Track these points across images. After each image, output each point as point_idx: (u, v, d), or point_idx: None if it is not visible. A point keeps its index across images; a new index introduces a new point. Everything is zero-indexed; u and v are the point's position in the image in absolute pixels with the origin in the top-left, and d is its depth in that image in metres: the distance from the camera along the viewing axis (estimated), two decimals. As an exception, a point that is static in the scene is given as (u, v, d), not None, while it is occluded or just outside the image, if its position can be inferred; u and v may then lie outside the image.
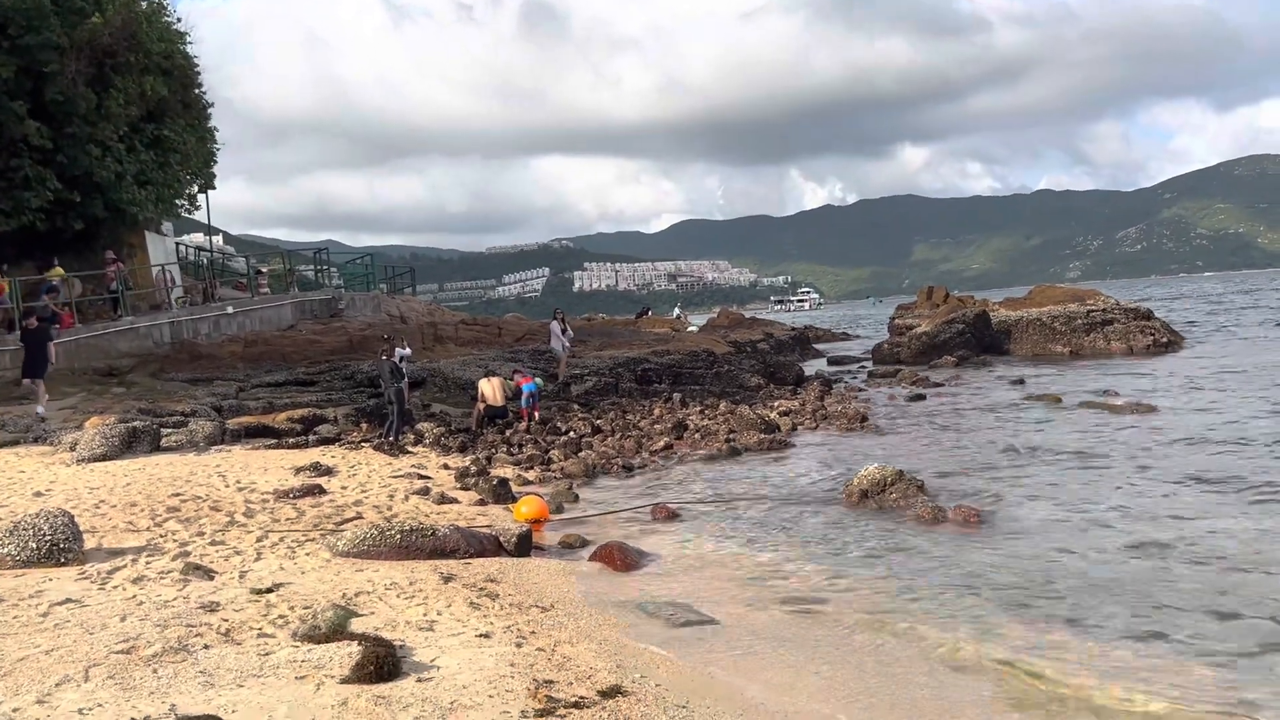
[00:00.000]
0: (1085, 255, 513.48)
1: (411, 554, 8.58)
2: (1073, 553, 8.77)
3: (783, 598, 7.92)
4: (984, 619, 7.18)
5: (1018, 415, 18.71)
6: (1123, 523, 9.82)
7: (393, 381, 17.17)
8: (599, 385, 24.03)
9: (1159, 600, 7.40)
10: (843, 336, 61.37)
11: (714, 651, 6.56)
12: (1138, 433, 15.51)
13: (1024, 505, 10.91)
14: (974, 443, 15.64)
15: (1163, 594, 7.54)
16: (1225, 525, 9.46)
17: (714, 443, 16.18)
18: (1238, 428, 15.33)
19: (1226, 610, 7.10)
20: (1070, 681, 5.95)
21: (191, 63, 29.99)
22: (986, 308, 37.01)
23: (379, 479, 12.74)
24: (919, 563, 8.79)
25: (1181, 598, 7.42)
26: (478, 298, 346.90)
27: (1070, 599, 7.54)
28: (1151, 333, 33.30)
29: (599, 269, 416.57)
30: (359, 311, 31.58)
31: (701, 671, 6.11)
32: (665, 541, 9.94)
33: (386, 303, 33.47)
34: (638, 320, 50.06)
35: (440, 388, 22.41)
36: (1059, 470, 12.86)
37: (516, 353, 27.63)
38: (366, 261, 40.02)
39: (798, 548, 9.54)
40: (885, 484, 11.51)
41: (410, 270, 45.70)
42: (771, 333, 45.15)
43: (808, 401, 21.64)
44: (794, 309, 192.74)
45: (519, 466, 14.33)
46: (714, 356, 30.93)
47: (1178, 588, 7.67)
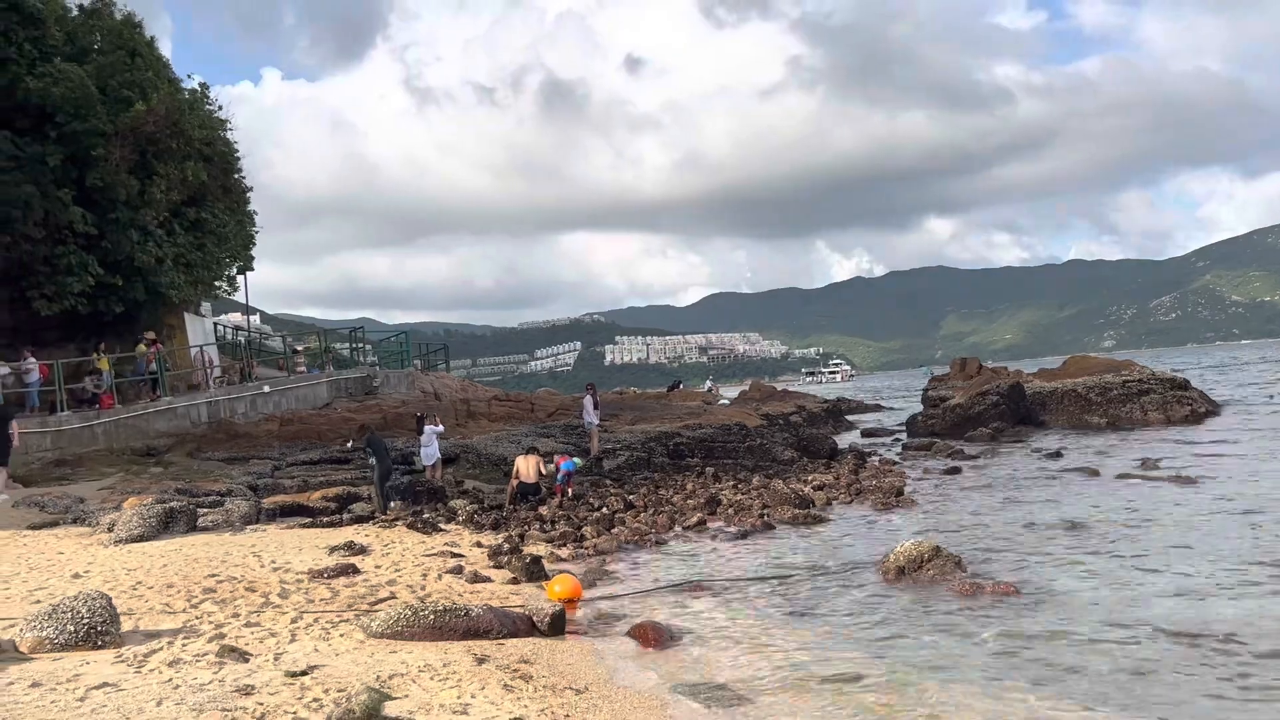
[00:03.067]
0: (1119, 325, 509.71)
1: (445, 634, 8.54)
2: (1109, 636, 8.57)
3: (819, 677, 7.80)
4: (1023, 701, 7.02)
5: (1055, 488, 18.46)
6: (1163, 602, 9.61)
7: (381, 458, 17.49)
8: (631, 460, 24.01)
9: (1188, 691, 7.21)
10: (874, 408, 61.07)
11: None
12: (1178, 505, 15.25)
13: (1062, 581, 10.72)
14: (1011, 517, 15.42)
15: (1193, 683, 7.35)
16: (1268, 602, 9.24)
17: (748, 518, 16.06)
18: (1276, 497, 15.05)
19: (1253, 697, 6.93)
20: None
21: (231, 148, 30.85)
22: (1021, 379, 36.73)
23: (412, 558, 12.74)
24: (957, 641, 8.63)
25: (1211, 687, 7.24)
26: (510, 372, 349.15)
27: (1105, 684, 7.36)
28: (1189, 402, 32.87)
29: (630, 342, 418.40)
30: (394, 389, 31.87)
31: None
32: (700, 619, 9.84)
33: (420, 379, 33.78)
34: (669, 393, 50.12)
35: (473, 464, 22.48)
36: (1099, 545, 12.65)
37: (549, 428, 27.71)
38: (401, 339, 40.48)
39: (834, 625, 9.41)
40: (922, 560, 11.37)
41: (444, 347, 46.18)
42: (804, 405, 45.04)
43: (842, 475, 21.50)
44: (825, 381, 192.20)
45: (552, 544, 14.28)
46: (746, 430, 30.85)
47: (1208, 679, 7.47)
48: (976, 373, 40.23)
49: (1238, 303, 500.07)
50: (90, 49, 26.54)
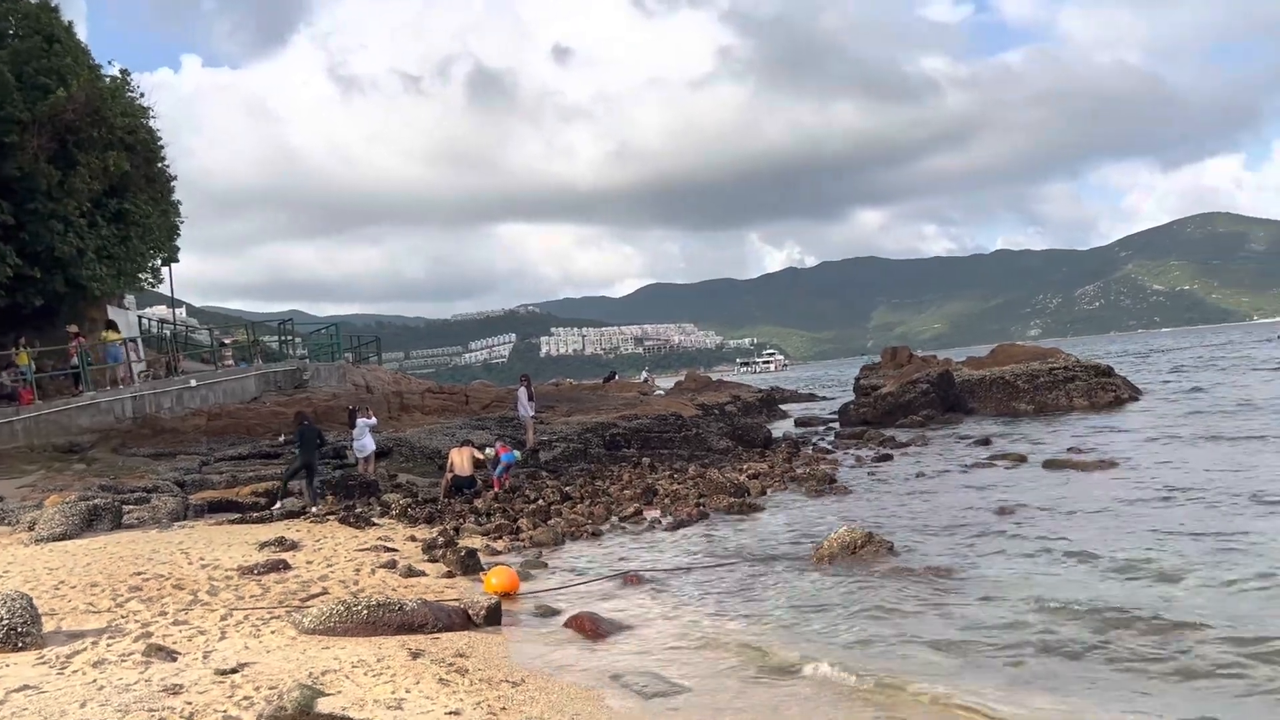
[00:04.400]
0: (1045, 314, 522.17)
1: (379, 630, 8.46)
2: (1039, 613, 8.79)
3: (754, 663, 7.87)
4: (954, 680, 7.16)
5: (983, 474, 18.84)
6: (1088, 581, 9.87)
7: (306, 450, 17.21)
8: (567, 451, 23.99)
9: (1117, 663, 7.42)
10: (808, 397, 61.69)
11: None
12: (1102, 489, 15.66)
13: (991, 565, 10.94)
14: (941, 502, 15.71)
15: (1121, 656, 7.57)
16: (1191, 581, 9.53)
17: (684, 507, 16.14)
18: (1198, 480, 15.52)
19: (1176, 670, 7.15)
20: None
21: (154, 137, 30.08)
22: (950, 367, 37.38)
23: (345, 553, 12.58)
24: (889, 624, 8.77)
25: (1136, 660, 7.45)
26: (444, 364, 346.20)
27: (1037, 661, 7.54)
28: (1113, 389, 33.74)
29: (566, 334, 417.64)
30: (324, 382, 31.42)
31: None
32: (636, 608, 9.87)
33: (352, 372, 33.34)
34: (605, 384, 50.10)
35: (407, 457, 22.27)
36: (1026, 529, 12.93)
37: (483, 420, 27.54)
38: (331, 331, 39.89)
39: (768, 612, 9.50)
40: (855, 545, 11.54)
41: (376, 339, 45.57)
42: (738, 395, 45.35)
43: (776, 464, 21.70)
44: (760, 370, 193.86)
45: (487, 536, 14.20)
46: (682, 420, 30.98)
47: (1135, 650, 7.69)
48: (906, 362, 40.85)
49: (1159, 291, 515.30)
50: (4, 34, 25.67)
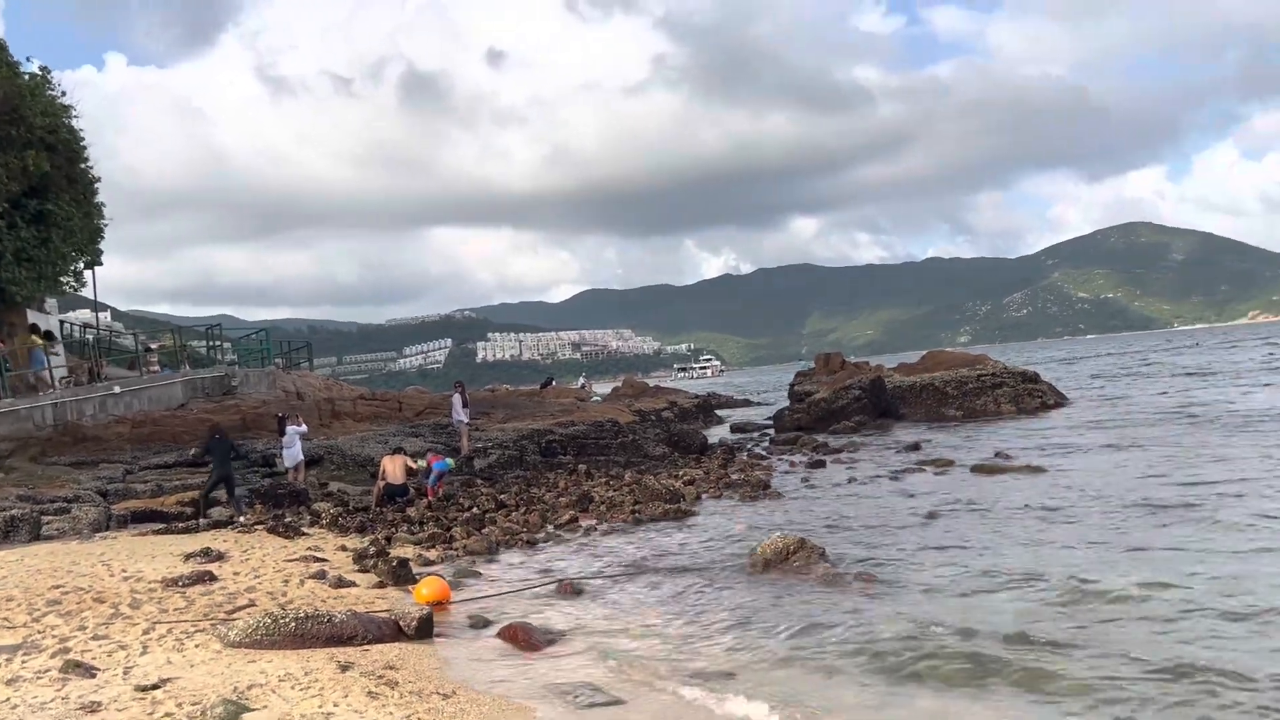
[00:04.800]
0: (974, 320, 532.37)
1: (307, 642, 8.31)
2: (963, 623, 8.91)
3: (688, 672, 7.89)
4: (884, 691, 7.25)
5: (913, 480, 19.12)
6: (1012, 586, 10.06)
7: (220, 463, 17.09)
8: (503, 459, 23.85)
9: (1040, 667, 7.56)
10: (744, 403, 62.14)
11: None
12: (1028, 494, 15.97)
13: (920, 569, 11.10)
14: (872, 508, 15.91)
15: (1044, 659, 7.71)
16: (1110, 583, 9.76)
17: (619, 514, 16.14)
18: (1121, 486, 15.92)
19: (1104, 675, 7.31)
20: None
21: (76, 136, 29.27)
22: (881, 373, 37.92)
23: (273, 563, 12.35)
24: (821, 631, 8.84)
25: (1059, 663, 7.60)
26: (378, 370, 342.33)
27: (957, 670, 7.63)
28: (1039, 394, 34.52)
29: (502, 339, 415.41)
30: (254, 388, 30.83)
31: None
32: (570, 617, 9.83)
33: (282, 379, 32.76)
34: (542, 391, 49.87)
35: (338, 465, 21.95)
36: (954, 534, 13.15)
37: (417, 427, 27.26)
38: (261, 337, 39.17)
39: (702, 619, 9.53)
40: (788, 552, 11.61)
41: (307, 344, 44.81)
42: (675, 401, 45.48)
43: (711, 470, 21.81)
44: (697, 376, 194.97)
45: (420, 545, 14.04)
46: (618, 426, 30.98)
47: (1061, 651, 7.84)
48: (839, 368, 41.34)
49: (1084, 299, 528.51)
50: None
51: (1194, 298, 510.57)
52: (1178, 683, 6.93)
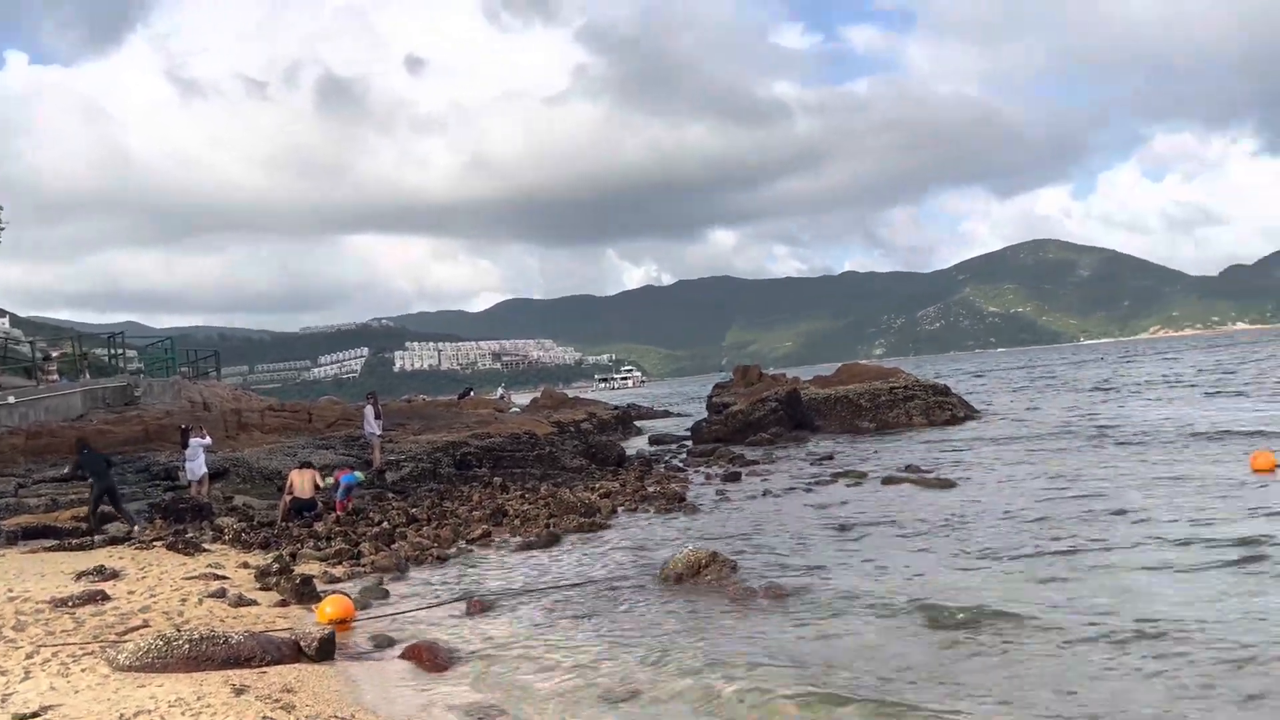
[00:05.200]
0: (889, 333, 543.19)
1: (202, 665, 8.01)
2: (872, 633, 9.00)
3: (598, 689, 7.80)
4: (790, 699, 7.24)
5: (826, 492, 19.31)
6: (919, 597, 10.17)
7: (100, 476, 16.69)
8: (416, 472, 23.49)
9: (946, 678, 7.65)
10: (663, 414, 62.30)
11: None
12: (937, 506, 16.24)
13: (831, 583, 11.17)
14: (785, 521, 15.99)
15: (953, 671, 7.80)
16: (1017, 595, 9.94)
17: (533, 528, 15.97)
18: (1026, 499, 16.29)
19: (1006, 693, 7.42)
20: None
21: (-28, 136, 28.13)
22: (798, 386, 38.33)
23: (171, 581, 11.93)
24: (730, 644, 8.83)
25: (968, 675, 7.70)
26: (291, 379, 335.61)
27: (872, 679, 7.69)
28: (950, 407, 35.23)
29: (421, 348, 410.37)
30: (157, 399, 29.89)
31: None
32: (479, 636, 9.66)
33: (188, 389, 31.83)
34: (460, 401, 49.35)
35: (244, 478, 21.37)
36: (866, 545, 13.29)
37: (328, 440, 26.70)
38: (166, 345, 38.07)
39: (613, 635, 9.44)
40: (700, 565, 11.60)
41: (215, 353, 43.72)
42: (595, 412, 45.36)
43: (628, 482, 21.74)
44: (617, 387, 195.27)
45: (326, 562, 13.70)
46: (536, 438, 30.75)
47: (966, 665, 7.95)
48: (757, 380, 41.71)
49: (994, 314, 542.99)
50: None
51: (1099, 313, 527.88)
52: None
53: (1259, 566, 10.42)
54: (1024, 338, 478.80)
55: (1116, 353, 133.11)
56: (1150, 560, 11.14)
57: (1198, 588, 9.80)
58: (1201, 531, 12.39)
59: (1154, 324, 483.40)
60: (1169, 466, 18.77)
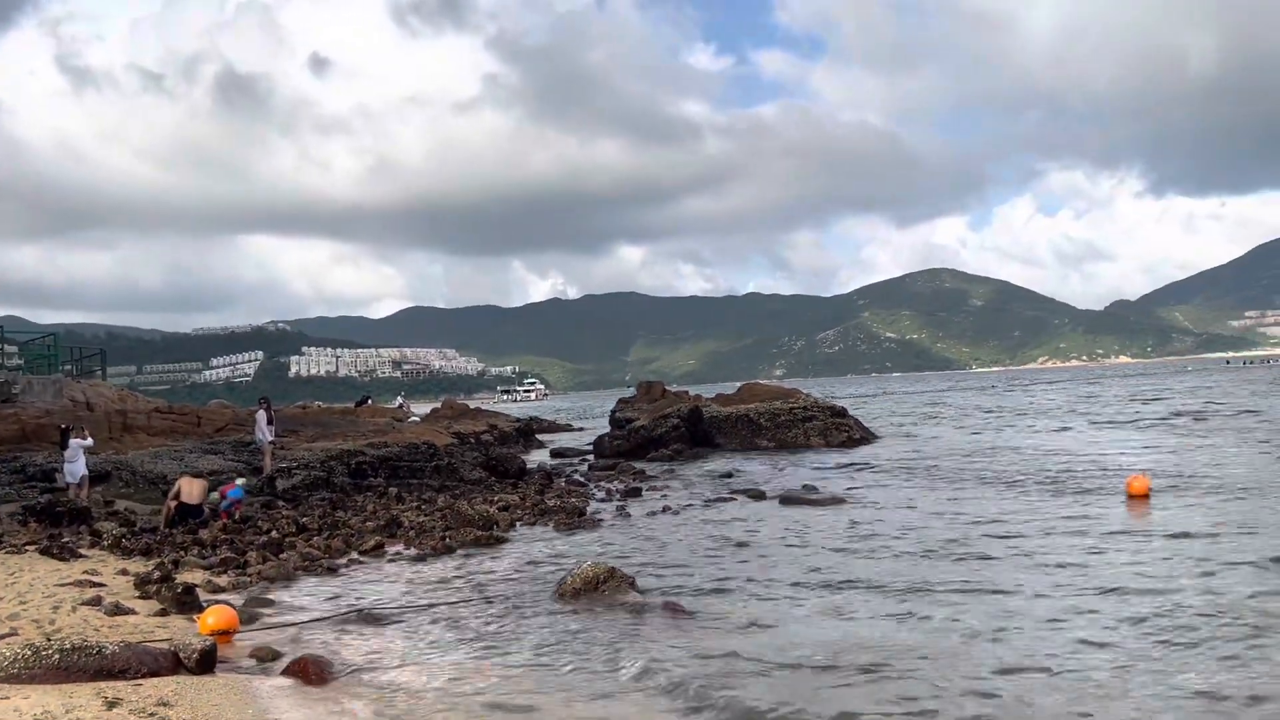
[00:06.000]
0: (790, 354, 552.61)
1: (72, 676, 7.63)
2: (766, 653, 9.06)
3: (488, 703, 7.68)
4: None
5: (725, 509, 19.46)
6: (812, 620, 10.30)
7: None
8: (308, 480, 22.91)
9: (829, 700, 7.75)
10: (566, 428, 62.17)
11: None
12: (831, 525, 16.50)
13: (725, 597, 11.24)
14: (684, 537, 16.05)
15: (839, 694, 7.91)
16: (899, 615, 10.14)
17: (429, 541, 15.70)
18: (916, 521, 16.66)
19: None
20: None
21: None
22: (700, 403, 38.63)
23: (43, 588, 11.36)
24: (627, 659, 8.79)
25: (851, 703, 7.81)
26: (181, 381, 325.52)
27: (760, 700, 7.73)
28: (846, 429, 35.88)
29: (318, 354, 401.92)
30: (37, 397, 28.61)
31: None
32: (367, 650, 9.43)
33: (70, 388, 30.54)
34: (357, 409, 48.52)
35: (127, 482, 20.57)
36: (761, 563, 13.40)
37: (217, 444, 25.89)
38: (49, 341, 36.51)
39: (507, 651, 9.31)
40: (598, 581, 11.54)
41: (100, 352, 42.10)
42: (496, 424, 45.03)
43: (528, 496, 21.58)
44: (520, 399, 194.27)
45: (210, 571, 13.23)
46: (435, 448, 30.32)
47: (850, 689, 8.06)
48: (660, 396, 41.92)
49: (891, 339, 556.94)
50: None
51: (991, 341, 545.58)
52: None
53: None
54: (918, 363, 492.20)
55: (1007, 380, 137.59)
56: (1032, 588, 11.48)
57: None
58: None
59: (1042, 354, 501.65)
60: (1051, 495, 19.41)
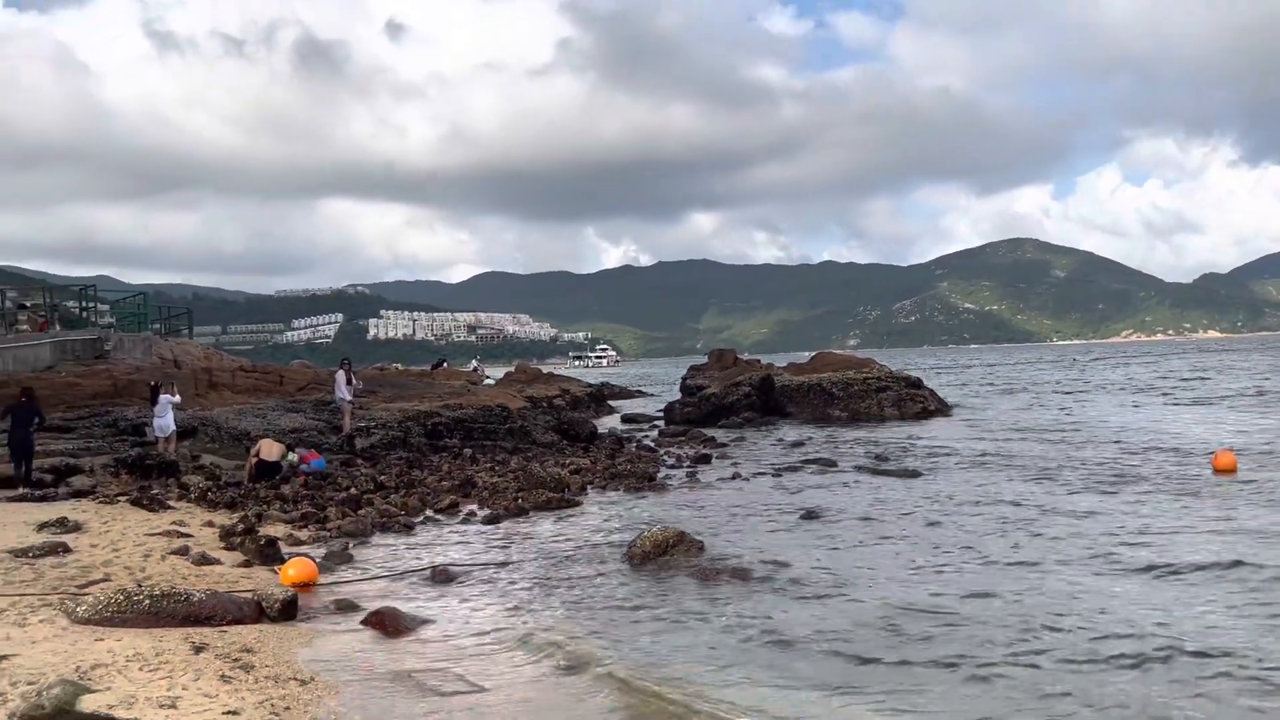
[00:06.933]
0: (864, 325, 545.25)
1: (162, 621, 7.97)
2: (834, 620, 9.04)
3: (556, 662, 7.81)
4: (751, 682, 7.28)
5: (795, 478, 19.39)
6: (881, 585, 10.25)
7: (16, 426, 15.93)
8: (386, 439, 23.39)
9: (911, 659, 7.71)
10: (637, 394, 62.41)
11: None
12: (903, 498, 16.34)
13: (795, 565, 11.23)
14: (753, 504, 16.05)
15: (913, 653, 7.87)
16: (975, 585, 10.04)
17: (502, 501, 15.96)
18: (992, 493, 16.42)
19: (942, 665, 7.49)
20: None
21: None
22: (771, 372, 38.44)
23: (134, 537, 11.84)
24: (693, 624, 8.87)
25: (925, 654, 7.77)
26: (264, 342, 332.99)
27: (826, 664, 7.73)
28: (921, 400, 35.42)
29: (396, 317, 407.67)
30: (128, 354, 29.58)
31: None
32: (442, 605, 9.66)
33: (159, 345, 31.51)
34: (433, 372, 49.24)
35: (212, 438, 21.22)
36: (832, 532, 13.36)
37: (299, 403, 26.54)
38: (139, 300, 37.67)
39: (576, 610, 9.46)
40: (667, 545, 11.64)
41: (187, 311, 43.31)
42: (568, 389, 45.37)
43: (599, 460, 21.77)
44: (592, 365, 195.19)
45: (291, 525, 13.65)
46: (508, 411, 30.69)
47: (926, 648, 8.01)
48: (732, 364, 41.82)
49: (969, 310, 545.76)
50: None
51: (1073, 314, 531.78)
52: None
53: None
54: (997, 335, 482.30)
55: (1089, 355, 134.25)
56: (1099, 569, 11.26)
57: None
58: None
59: (1126, 328, 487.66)
60: (1135, 469, 18.96)
